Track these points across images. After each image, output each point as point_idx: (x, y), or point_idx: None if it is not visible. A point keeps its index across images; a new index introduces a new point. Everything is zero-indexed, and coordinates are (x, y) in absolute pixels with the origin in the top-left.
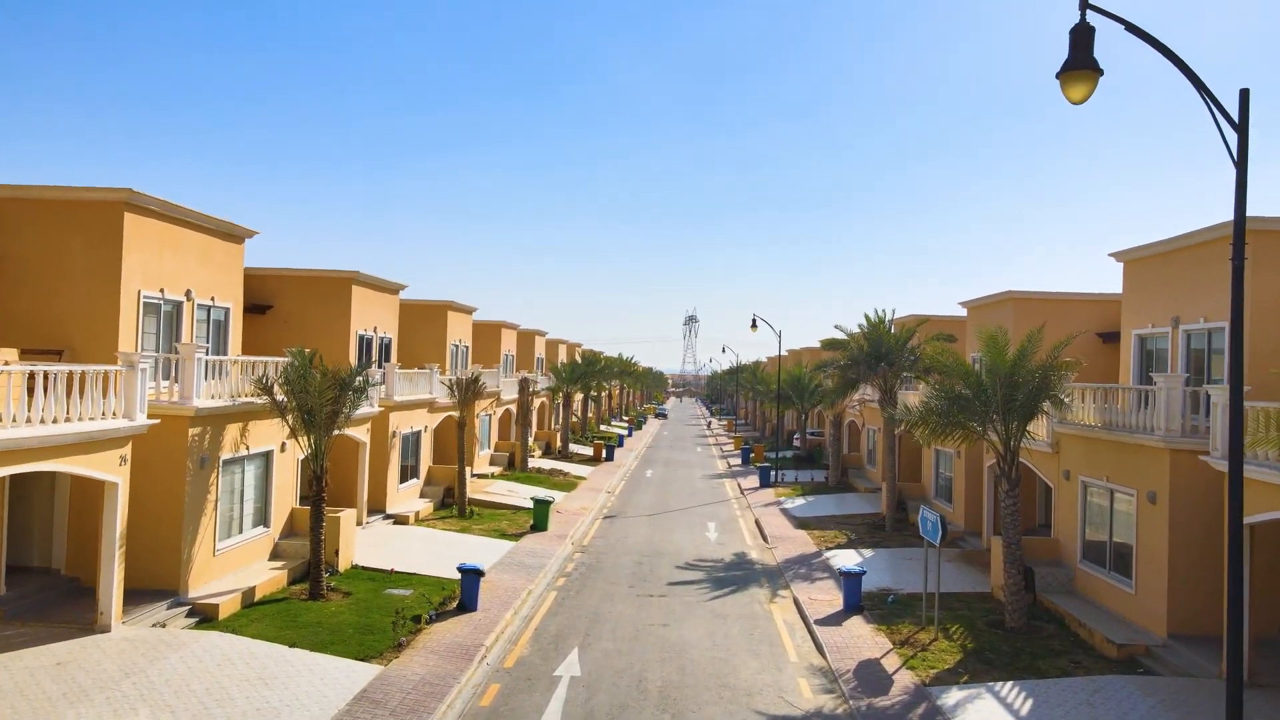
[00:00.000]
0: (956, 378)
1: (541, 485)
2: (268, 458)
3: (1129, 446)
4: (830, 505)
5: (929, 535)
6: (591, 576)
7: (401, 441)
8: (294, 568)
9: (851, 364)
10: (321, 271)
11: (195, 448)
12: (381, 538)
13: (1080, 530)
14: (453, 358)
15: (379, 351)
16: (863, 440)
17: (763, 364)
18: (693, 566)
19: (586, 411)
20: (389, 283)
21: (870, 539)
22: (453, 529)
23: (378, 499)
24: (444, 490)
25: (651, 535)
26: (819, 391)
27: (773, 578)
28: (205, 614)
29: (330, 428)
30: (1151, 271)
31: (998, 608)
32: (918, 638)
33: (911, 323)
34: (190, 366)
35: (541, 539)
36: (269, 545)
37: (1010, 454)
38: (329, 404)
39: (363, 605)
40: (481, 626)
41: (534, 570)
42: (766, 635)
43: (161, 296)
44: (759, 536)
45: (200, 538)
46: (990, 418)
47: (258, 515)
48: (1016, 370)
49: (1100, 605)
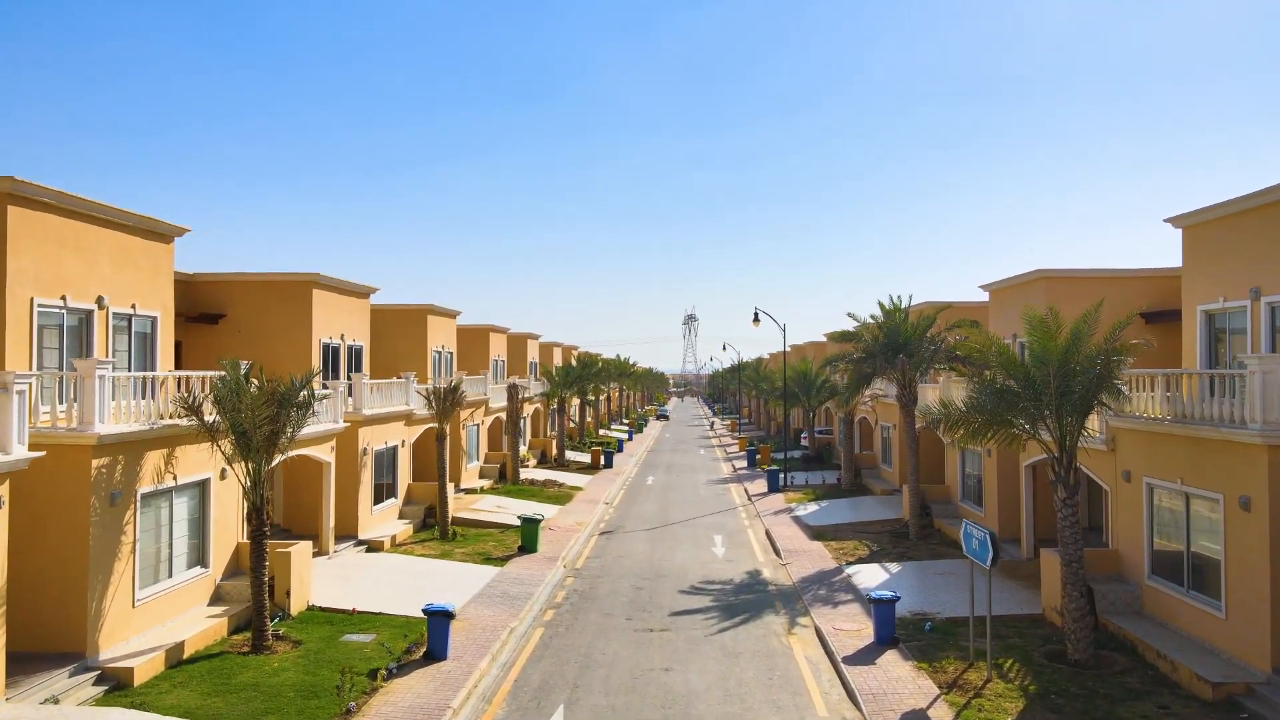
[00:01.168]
0: (999, 368)
1: (534, 499)
2: (203, 488)
3: (1211, 443)
4: (846, 511)
5: (976, 556)
6: (584, 607)
7: (374, 459)
8: (238, 613)
9: (866, 357)
10: (278, 275)
11: (102, 481)
12: (348, 569)
13: (1147, 541)
14: (435, 365)
15: (348, 361)
16: (876, 438)
17: (765, 360)
18: (698, 590)
19: (584, 416)
20: (357, 285)
21: (894, 550)
22: (432, 554)
23: (348, 523)
24: (425, 510)
25: (652, 553)
26: (827, 387)
27: (789, 601)
28: (117, 680)
29: (270, 451)
30: (1221, 237)
31: (1054, 634)
32: (967, 678)
33: (930, 310)
34: (90, 386)
35: (530, 562)
36: (208, 588)
37: (1067, 455)
38: (265, 423)
39: (313, 658)
40: (451, 680)
41: (518, 602)
42: (787, 678)
43: (64, 305)
44: (771, 550)
45: (113, 587)
46: (1042, 414)
47: (193, 555)
48: (1070, 357)
49: (1178, 630)
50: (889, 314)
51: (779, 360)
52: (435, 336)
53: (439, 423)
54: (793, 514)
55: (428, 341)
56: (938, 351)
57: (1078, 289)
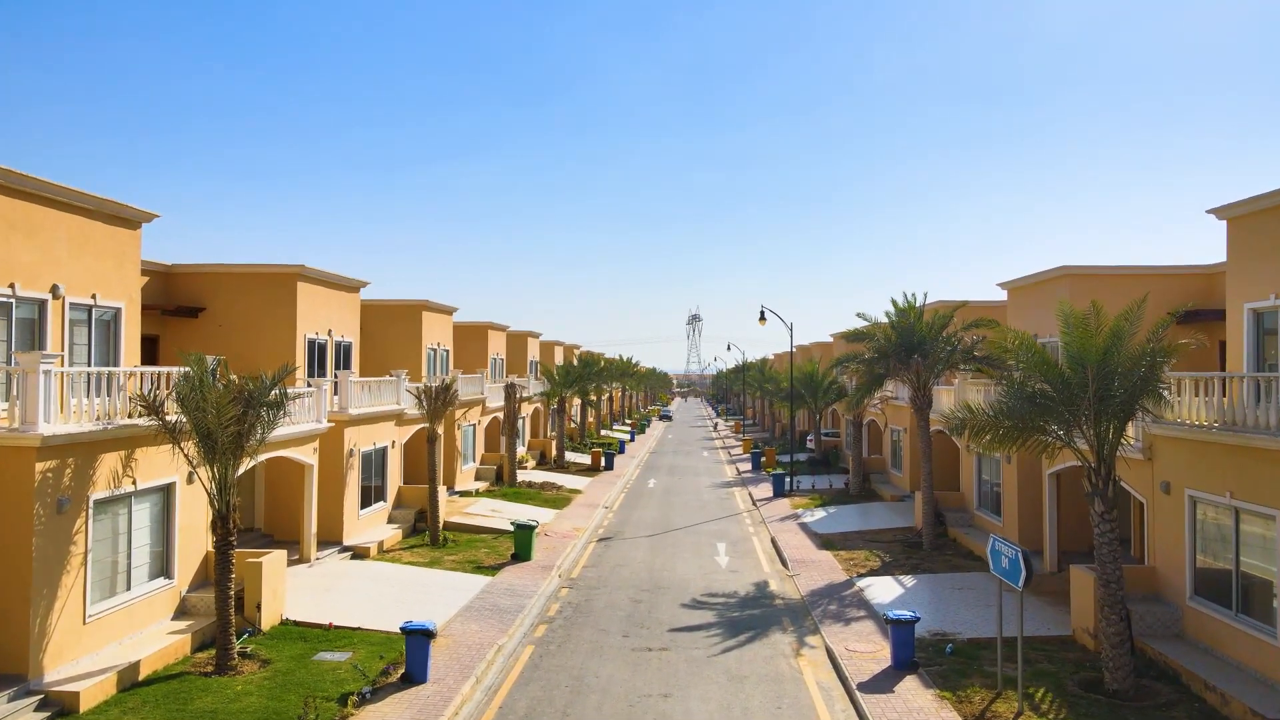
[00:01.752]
0: (1033, 369)
1: (531, 502)
2: (167, 493)
3: (1265, 453)
4: (855, 518)
5: (1006, 576)
6: (578, 621)
7: (362, 461)
8: (204, 629)
9: (879, 357)
10: (261, 266)
11: (48, 487)
12: (330, 578)
13: (1189, 558)
14: (430, 363)
15: (336, 358)
16: (885, 442)
17: (769, 361)
18: (701, 604)
19: (585, 417)
20: (346, 279)
21: (907, 561)
22: (421, 562)
23: (332, 529)
24: (416, 514)
25: (652, 562)
26: (834, 389)
27: (798, 618)
28: (62, 705)
29: (237, 454)
30: (1273, 228)
31: (1087, 659)
32: (996, 710)
33: (945, 309)
34: (34, 382)
35: (523, 571)
36: (173, 601)
37: (1105, 465)
38: (231, 424)
39: (280, 680)
40: (429, 708)
41: (508, 616)
42: (797, 707)
43: (12, 294)
44: (777, 560)
45: (61, 602)
46: (1078, 419)
47: (156, 565)
48: (1110, 358)
49: (1226, 658)
50: (902, 313)
51: (784, 361)
52: (430, 333)
53: (430, 423)
54: (799, 520)
55: (422, 338)
56: (954, 352)
57: (1106, 287)
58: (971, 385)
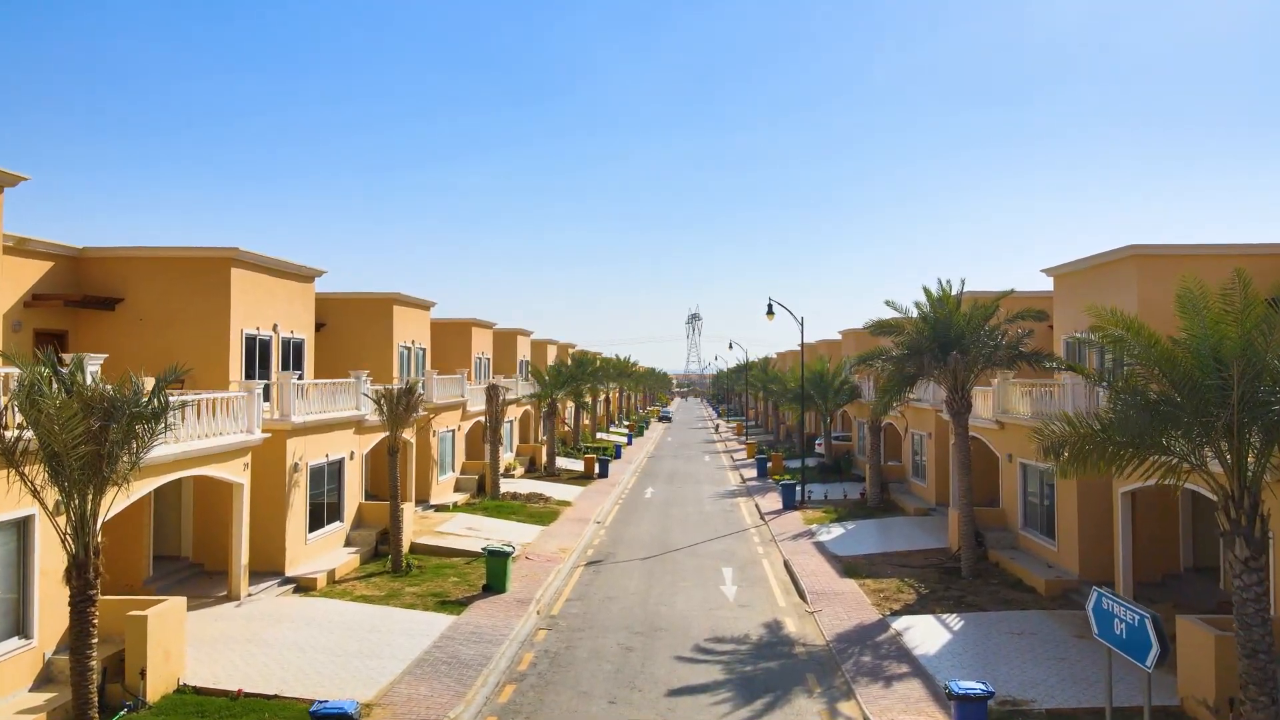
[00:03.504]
0: (1153, 364)
1: (513, 517)
2: (21, 529)
3: None
4: (876, 536)
5: (1126, 650)
6: (555, 680)
7: (311, 476)
8: (70, 703)
9: (911, 354)
10: (189, 250)
11: None
12: (258, 623)
13: None
14: (404, 363)
15: (284, 357)
16: (905, 447)
17: (773, 360)
18: (705, 653)
19: (579, 420)
20: (295, 267)
21: (947, 594)
22: (376, 596)
23: (272, 557)
24: (379, 534)
25: (648, 593)
26: (846, 389)
27: (825, 673)
28: None
29: (94, 482)
30: None
31: None
32: None
33: (987, 300)
34: None
35: (494, 608)
36: (32, 667)
37: (1251, 494)
38: (81, 442)
39: None
40: None
41: (469, 672)
42: None
43: None
44: (793, 591)
45: None
46: (1211, 434)
47: (6, 622)
48: (1250, 351)
49: None
50: (938, 303)
51: (788, 360)
52: (403, 330)
53: (391, 432)
54: (814, 538)
55: (394, 335)
56: (998, 348)
57: (1182, 268)
58: (1015, 387)
